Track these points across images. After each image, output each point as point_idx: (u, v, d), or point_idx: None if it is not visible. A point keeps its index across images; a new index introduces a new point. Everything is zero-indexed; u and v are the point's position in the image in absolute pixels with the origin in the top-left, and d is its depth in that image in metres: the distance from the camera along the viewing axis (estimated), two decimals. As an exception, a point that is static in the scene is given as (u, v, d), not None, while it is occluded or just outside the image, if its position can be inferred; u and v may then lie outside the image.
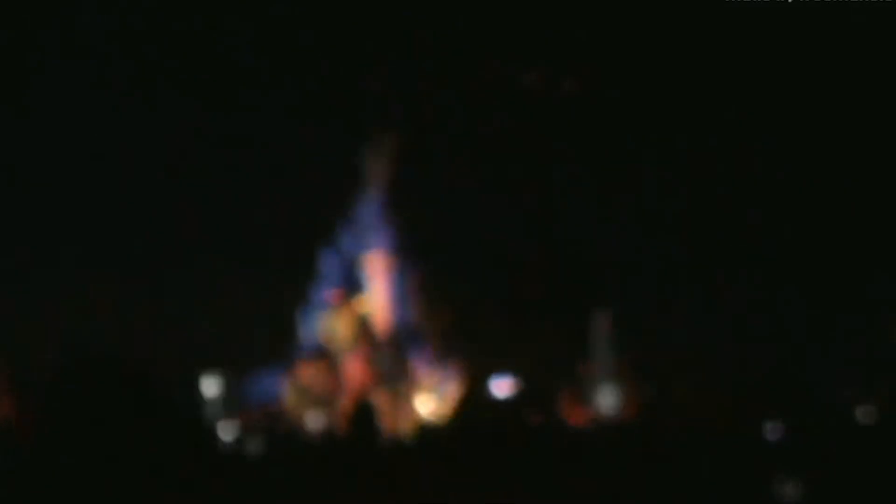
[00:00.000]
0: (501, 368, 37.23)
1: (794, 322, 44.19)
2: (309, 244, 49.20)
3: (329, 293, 49.37)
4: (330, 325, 48.56)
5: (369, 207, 49.74)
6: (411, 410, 43.80)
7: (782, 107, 45.07)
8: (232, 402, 44.87)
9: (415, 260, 49.28)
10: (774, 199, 46.90)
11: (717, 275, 47.44)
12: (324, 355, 47.44)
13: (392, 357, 47.45)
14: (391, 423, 41.19)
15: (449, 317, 47.21)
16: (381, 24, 47.06)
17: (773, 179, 46.81)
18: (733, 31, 43.44)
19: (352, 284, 49.38)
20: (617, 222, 46.97)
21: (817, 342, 41.68)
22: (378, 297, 49.08)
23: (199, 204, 46.72)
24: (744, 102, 46.02)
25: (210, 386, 43.90)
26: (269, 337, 47.44)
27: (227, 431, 39.74)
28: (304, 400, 46.09)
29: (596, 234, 46.22)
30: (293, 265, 47.95)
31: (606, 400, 38.53)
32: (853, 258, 44.49)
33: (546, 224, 45.91)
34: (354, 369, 46.46)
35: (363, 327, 47.85)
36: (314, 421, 43.07)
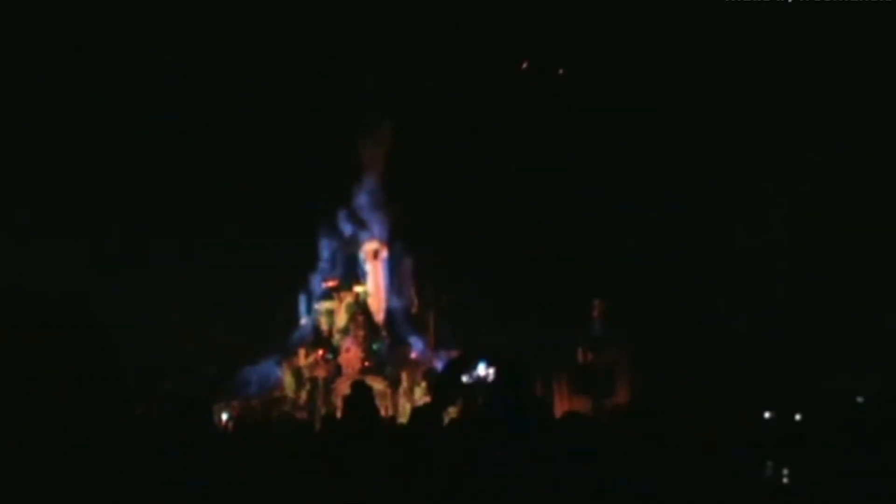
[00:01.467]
0: (493, 354, 37.22)
1: (792, 310, 44.31)
2: (307, 232, 49.34)
3: (327, 280, 49.50)
4: (327, 311, 48.69)
5: (367, 195, 49.83)
6: (408, 395, 43.92)
7: (781, 99, 45.10)
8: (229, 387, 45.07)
9: (411, 247, 49.40)
10: (773, 189, 46.97)
11: (715, 262, 47.55)
12: (321, 342, 47.56)
13: (389, 343, 47.59)
14: (388, 407, 41.34)
15: (445, 303, 47.31)
16: (380, 14, 47.05)
17: (771, 169, 46.87)
18: (731, 27, 43.49)
19: (349, 272, 49.49)
20: (615, 210, 47.04)
21: (816, 329, 41.81)
22: (375, 283, 49.20)
23: (198, 192, 46.78)
24: (742, 93, 46.08)
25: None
26: (268, 324, 47.60)
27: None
28: (303, 386, 46.26)
29: (594, 221, 46.31)
30: (291, 252, 48.09)
31: (604, 388, 38.53)
32: (852, 246, 44.56)
33: (544, 211, 45.95)
34: (351, 355, 46.57)
35: (360, 314, 47.94)
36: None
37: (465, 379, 33.70)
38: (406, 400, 43.50)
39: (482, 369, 37.36)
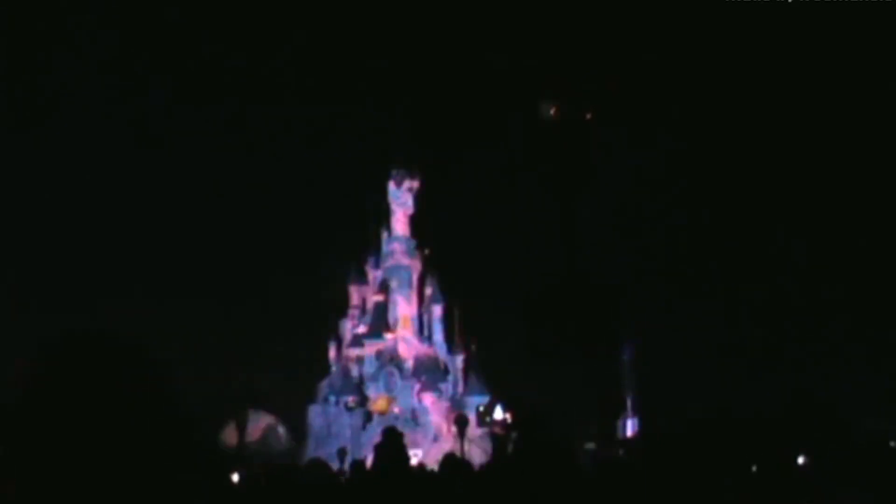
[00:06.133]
0: (512, 400, 37.18)
1: (825, 349, 43.89)
2: (338, 281, 49.58)
3: (357, 327, 49.58)
4: (357, 358, 48.72)
5: (398, 244, 49.99)
6: (440, 444, 43.76)
7: (820, 137, 44.76)
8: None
9: (443, 296, 49.44)
10: (805, 226, 46.70)
11: (745, 300, 47.25)
12: (351, 388, 47.56)
13: (420, 392, 47.50)
14: (418, 454, 41.18)
15: (475, 350, 47.27)
16: (409, 64, 47.53)
17: (805, 207, 46.60)
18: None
19: (379, 318, 49.54)
20: (640, 253, 46.97)
21: (850, 370, 41.37)
22: (406, 332, 49.20)
23: (231, 241, 47.23)
24: (776, 139, 45.93)
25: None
26: (298, 370, 47.74)
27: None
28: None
29: (621, 269, 46.30)
30: (323, 301, 48.31)
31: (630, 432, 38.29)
32: (886, 282, 44.11)
33: (573, 259, 45.93)
34: (381, 402, 46.54)
35: (390, 360, 47.96)
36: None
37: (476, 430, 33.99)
38: (437, 448, 43.32)
39: (499, 413, 37.40)
